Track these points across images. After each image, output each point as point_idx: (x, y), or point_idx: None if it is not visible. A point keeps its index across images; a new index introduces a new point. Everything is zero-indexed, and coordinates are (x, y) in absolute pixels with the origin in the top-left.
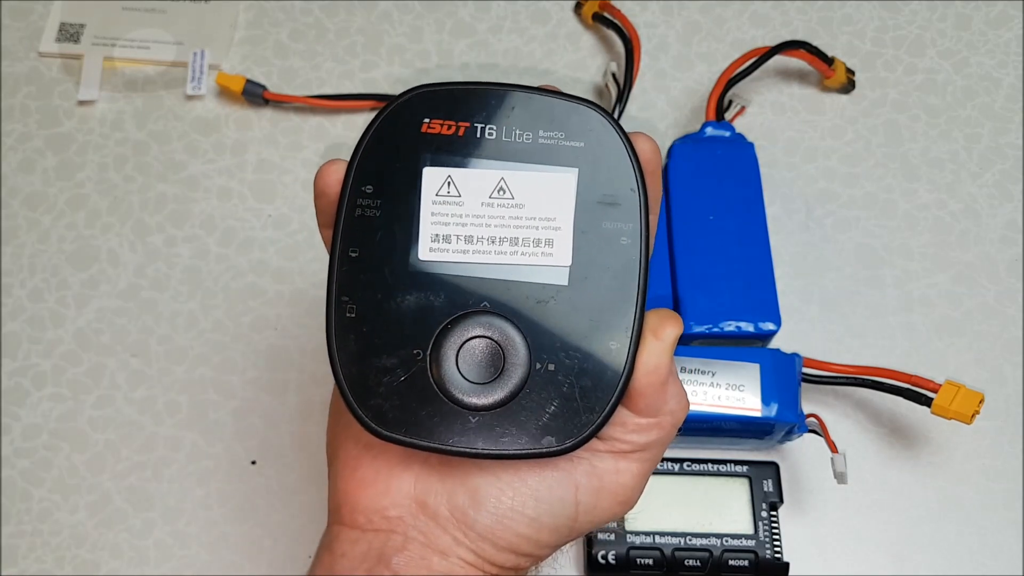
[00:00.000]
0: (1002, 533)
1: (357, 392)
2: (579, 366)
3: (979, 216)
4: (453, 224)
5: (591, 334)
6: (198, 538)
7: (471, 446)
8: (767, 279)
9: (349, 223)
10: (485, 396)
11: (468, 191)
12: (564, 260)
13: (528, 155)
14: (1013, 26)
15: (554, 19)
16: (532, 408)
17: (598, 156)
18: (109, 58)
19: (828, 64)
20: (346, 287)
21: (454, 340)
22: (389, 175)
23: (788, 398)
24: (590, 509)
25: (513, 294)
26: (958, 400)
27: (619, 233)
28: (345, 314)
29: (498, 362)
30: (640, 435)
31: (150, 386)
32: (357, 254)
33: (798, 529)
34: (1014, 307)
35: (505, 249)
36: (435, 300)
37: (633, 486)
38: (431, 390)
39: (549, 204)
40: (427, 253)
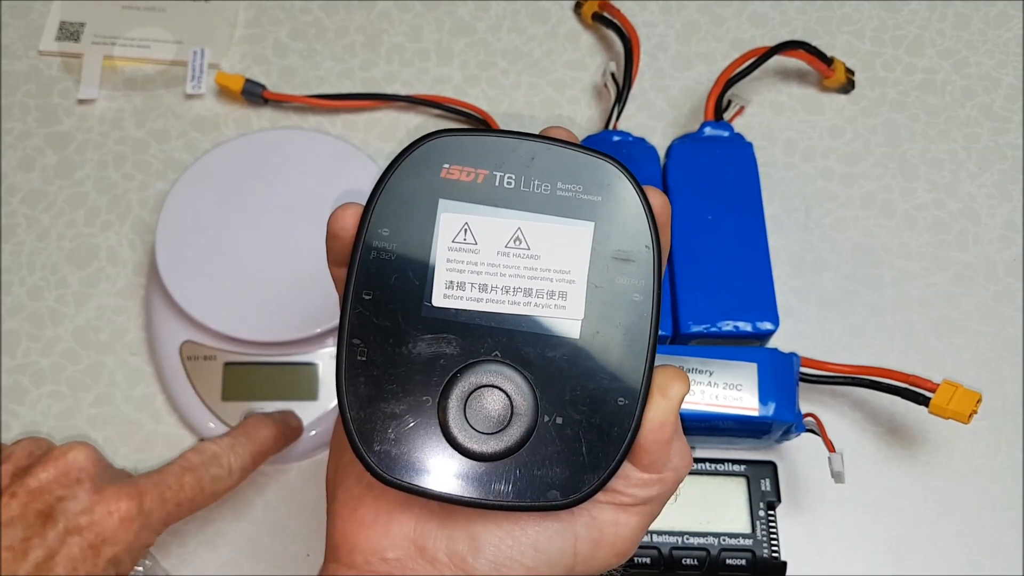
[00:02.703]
0: (1000, 533)
1: (364, 436)
2: (586, 420)
3: (978, 216)
4: (468, 272)
5: (600, 389)
6: (196, 536)
7: (475, 495)
8: (765, 279)
9: (364, 265)
10: (491, 446)
11: (484, 239)
12: (577, 314)
13: (546, 206)
14: (1012, 26)
15: (553, 18)
16: (538, 460)
17: (615, 211)
18: (109, 57)
19: (827, 64)
20: (358, 330)
21: (463, 388)
22: (406, 219)
23: (786, 397)
24: (588, 560)
25: (524, 345)
26: (956, 400)
27: (632, 289)
28: (356, 357)
29: (506, 412)
30: (643, 490)
31: (149, 384)
32: (371, 297)
33: (796, 528)
34: (1012, 307)
35: (519, 299)
36: (446, 347)
37: (632, 539)
38: (438, 438)
39: (564, 256)
40: (441, 300)
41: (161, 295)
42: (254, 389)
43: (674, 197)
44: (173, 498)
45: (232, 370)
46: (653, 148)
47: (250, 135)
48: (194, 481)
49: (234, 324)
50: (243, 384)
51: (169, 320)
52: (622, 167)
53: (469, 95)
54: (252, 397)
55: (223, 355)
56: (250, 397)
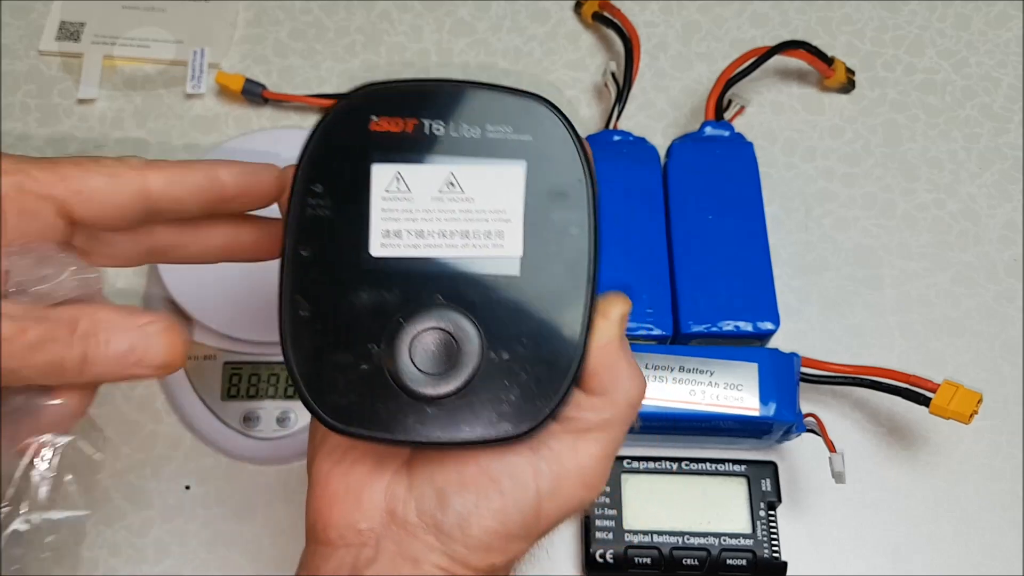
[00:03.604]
0: (1000, 533)
1: (314, 390)
2: (533, 353)
3: (978, 216)
4: (404, 220)
5: (543, 321)
6: (197, 536)
7: (429, 436)
8: (766, 279)
9: (300, 222)
10: (440, 386)
11: (417, 186)
12: (515, 251)
13: (477, 149)
14: (1012, 26)
15: (554, 18)
16: (488, 396)
17: (546, 149)
18: (109, 56)
19: (828, 64)
20: (299, 286)
21: (408, 333)
22: (339, 173)
23: (786, 397)
24: (553, 493)
25: (465, 286)
26: (956, 400)
27: (569, 223)
28: (299, 312)
29: (452, 353)
30: (595, 414)
31: (149, 384)
32: (308, 253)
33: (796, 528)
34: (1013, 307)
35: (456, 242)
36: (388, 295)
37: (594, 468)
38: (387, 384)
39: (499, 197)
40: (379, 249)
41: (161, 295)
42: (254, 388)
43: (674, 197)
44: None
45: (232, 369)
46: (653, 148)
47: (250, 135)
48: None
49: (234, 324)
50: (243, 384)
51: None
52: (550, 104)
53: None
54: (252, 396)
55: (223, 355)
56: (250, 396)
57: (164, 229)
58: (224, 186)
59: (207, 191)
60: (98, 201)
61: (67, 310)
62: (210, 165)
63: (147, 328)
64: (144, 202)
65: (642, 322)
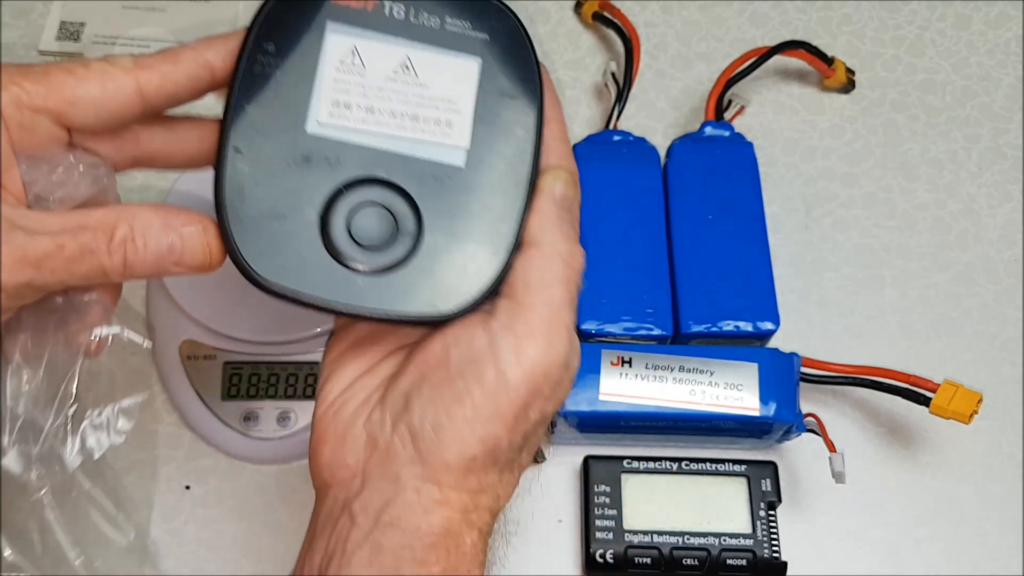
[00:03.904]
0: (1000, 533)
1: (244, 243)
2: (468, 239)
3: (978, 216)
4: (355, 93)
5: (482, 212)
6: (197, 536)
7: (358, 306)
8: (766, 278)
9: (247, 77)
10: (374, 260)
11: (372, 64)
12: (462, 142)
13: (434, 38)
14: (1013, 26)
15: (554, 18)
16: (422, 276)
17: (501, 50)
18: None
19: (828, 64)
20: (240, 137)
21: (347, 203)
22: (294, 36)
23: (786, 397)
24: (515, 364)
25: (410, 168)
26: (956, 400)
27: (515, 124)
28: (236, 167)
29: (390, 229)
30: (528, 272)
31: (149, 384)
32: (253, 109)
33: (796, 528)
34: (1013, 307)
35: (405, 124)
36: (330, 164)
37: (545, 329)
38: (319, 249)
39: (451, 87)
40: (326, 117)
41: (161, 294)
42: (254, 388)
43: (674, 197)
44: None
45: (232, 369)
46: (653, 148)
47: None
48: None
49: (234, 323)
50: (243, 383)
51: (169, 319)
52: (509, 10)
53: None
54: (252, 396)
55: (223, 354)
56: (250, 396)
57: (150, 136)
58: (214, 68)
59: (199, 79)
60: (94, 108)
61: (101, 215)
62: (197, 50)
63: (184, 229)
64: (140, 104)
65: (642, 322)
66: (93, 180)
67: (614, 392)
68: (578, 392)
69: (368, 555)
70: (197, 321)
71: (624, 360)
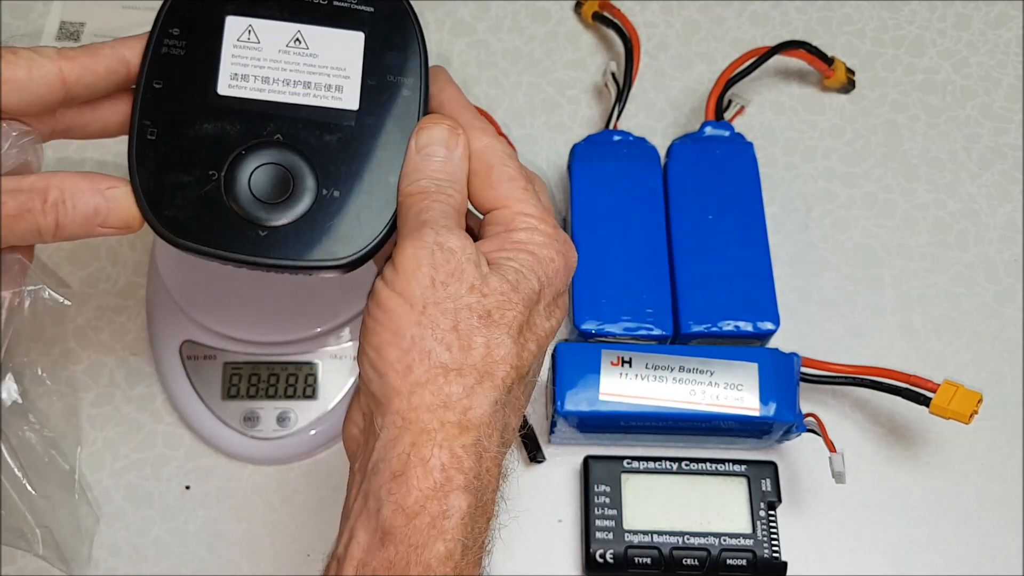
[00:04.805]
0: (1000, 533)
1: (154, 205)
2: (361, 194)
3: (978, 216)
4: (252, 66)
5: (373, 167)
6: (197, 536)
7: (260, 257)
8: (766, 278)
9: (156, 59)
10: (275, 214)
11: (267, 39)
12: (352, 104)
13: (323, 13)
14: (1013, 26)
15: (554, 18)
16: (320, 228)
17: (386, 19)
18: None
19: (828, 64)
20: (148, 113)
21: (248, 165)
22: (196, 21)
23: (786, 397)
24: (392, 272)
25: (305, 129)
26: (956, 400)
27: (401, 85)
28: (146, 136)
29: (287, 186)
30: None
31: (149, 384)
32: (161, 86)
33: (796, 528)
34: (1013, 307)
35: (299, 91)
36: (231, 129)
37: (408, 235)
38: (224, 207)
39: (340, 56)
40: (226, 89)
41: (161, 294)
42: (254, 388)
43: (674, 197)
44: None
45: (232, 369)
46: (653, 148)
47: None
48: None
49: (234, 323)
50: (243, 383)
51: (169, 319)
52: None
53: (469, 95)
54: (252, 396)
55: (223, 354)
56: (250, 396)
57: (68, 111)
58: (129, 63)
59: (116, 72)
60: (19, 89)
61: (34, 180)
62: (115, 47)
63: (109, 192)
64: (62, 89)
65: (642, 322)
66: (21, 149)
67: (614, 392)
68: (578, 392)
69: (360, 503)
70: (197, 321)
71: (624, 360)
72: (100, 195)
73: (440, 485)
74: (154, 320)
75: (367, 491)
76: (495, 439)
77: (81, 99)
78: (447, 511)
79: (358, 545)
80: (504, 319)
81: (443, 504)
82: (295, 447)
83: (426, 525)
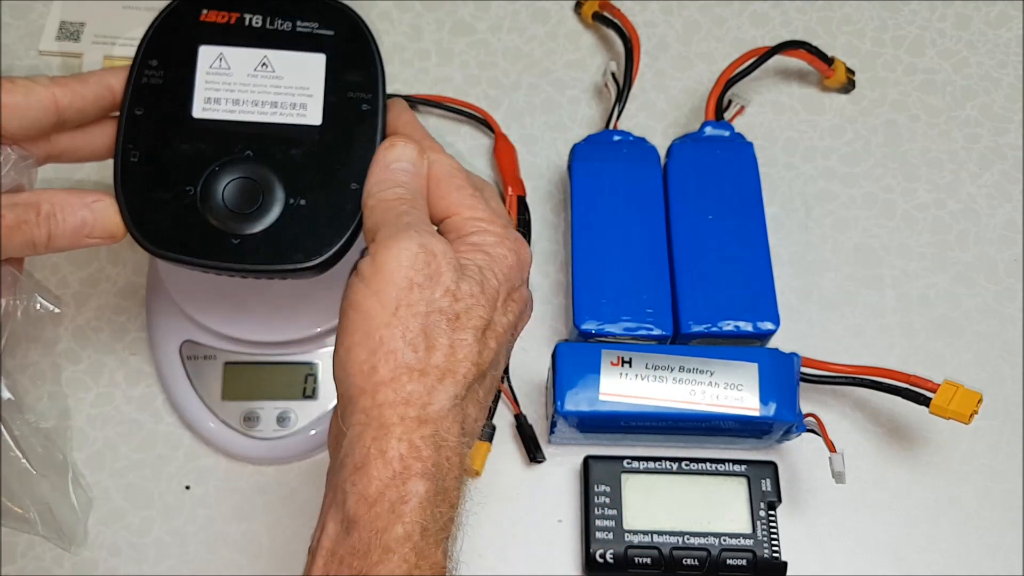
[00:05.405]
0: (1000, 533)
1: (137, 220)
2: (326, 202)
3: (978, 216)
4: (223, 89)
5: (337, 177)
6: (197, 536)
7: (235, 264)
8: (766, 279)
9: (137, 88)
10: (247, 223)
11: (237, 65)
12: (315, 120)
13: (288, 40)
14: (1013, 26)
15: (554, 18)
16: (289, 234)
17: (345, 41)
18: (109, 56)
19: (828, 64)
20: (131, 137)
21: (221, 180)
22: (172, 52)
23: (786, 397)
24: (368, 274)
25: (272, 145)
26: (956, 400)
27: (361, 101)
28: (130, 159)
29: (258, 198)
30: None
31: (149, 384)
32: (142, 112)
33: (796, 528)
34: (1013, 307)
35: (267, 110)
36: (206, 148)
37: (386, 240)
38: (200, 218)
39: (304, 77)
40: (200, 112)
41: (161, 295)
42: (254, 388)
43: (674, 197)
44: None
45: (232, 369)
46: (653, 148)
47: None
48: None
49: (234, 324)
50: (243, 383)
51: (169, 320)
52: (350, 10)
53: (470, 95)
54: (252, 396)
55: (223, 355)
56: (250, 396)
57: (60, 136)
58: (115, 91)
59: (103, 98)
60: (18, 115)
61: (27, 196)
62: (101, 75)
63: (94, 205)
64: (55, 114)
65: (642, 322)
66: (19, 172)
67: (614, 392)
68: (578, 392)
69: (330, 497)
70: (197, 322)
71: (624, 360)
72: (87, 208)
73: (398, 473)
74: (154, 320)
75: (335, 485)
76: (454, 431)
77: (72, 124)
78: (405, 496)
79: (327, 536)
80: (471, 322)
81: (401, 490)
82: (295, 447)
83: (386, 511)
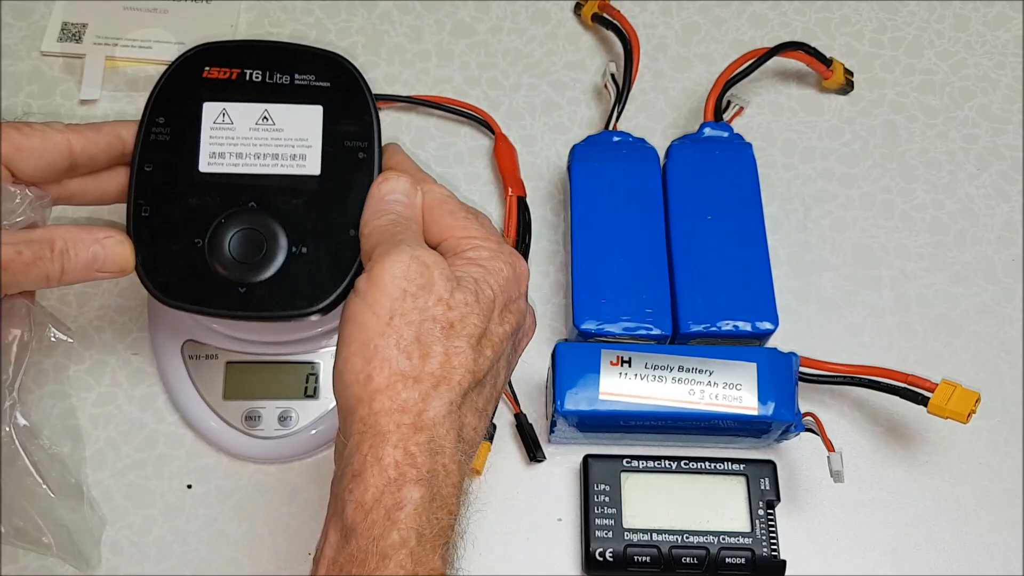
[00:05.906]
0: (999, 532)
1: (149, 272)
2: (326, 248)
3: (976, 216)
4: (227, 144)
5: (336, 224)
6: (198, 535)
7: (240, 311)
8: (765, 279)
9: (145, 145)
10: (252, 272)
11: (239, 119)
12: (315, 170)
13: (286, 93)
14: (1011, 27)
15: (554, 19)
16: (292, 281)
17: (341, 92)
18: (111, 57)
19: (826, 65)
20: (141, 193)
21: (227, 231)
22: (177, 109)
23: (785, 397)
24: (364, 288)
25: (274, 195)
26: (954, 399)
27: (358, 149)
28: (141, 213)
29: (262, 247)
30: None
31: (151, 384)
32: (151, 168)
33: (795, 527)
34: (1011, 307)
35: (268, 162)
36: (211, 201)
37: (380, 257)
38: (208, 269)
39: (303, 128)
40: (206, 166)
41: None
42: (255, 388)
43: (674, 198)
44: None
45: (234, 369)
46: (653, 149)
47: None
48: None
49: (235, 323)
50: (245, 383)
51: (171, 319)
52: (346, 60)
53: (470, 96)
54: (253, 396)
55: (225, 354)
56: (251, 396)
57: (72, 180)
58: (125, 142)
59: (114, 147)
60: (35, 158)
61: (41, 233)
62: (113, 126)
63: (105, 241)
64: (69, 158)
65: (641, 322)
66: (34, 210)
67: (614, 392)
68: (578, 391)
69: (332, 506)
70: (199, 321)
71: (624, 360)
72: (98, 244)
73: (393, 480)
74: (156, 320)
75: (336, 493)
76: (451, 438)
77: (84, 169)
78: (400, 502)
79: (329, 545)
80: (465, 330)
81: (396, 496)
82: (296, 446)
83: (381, 517)
